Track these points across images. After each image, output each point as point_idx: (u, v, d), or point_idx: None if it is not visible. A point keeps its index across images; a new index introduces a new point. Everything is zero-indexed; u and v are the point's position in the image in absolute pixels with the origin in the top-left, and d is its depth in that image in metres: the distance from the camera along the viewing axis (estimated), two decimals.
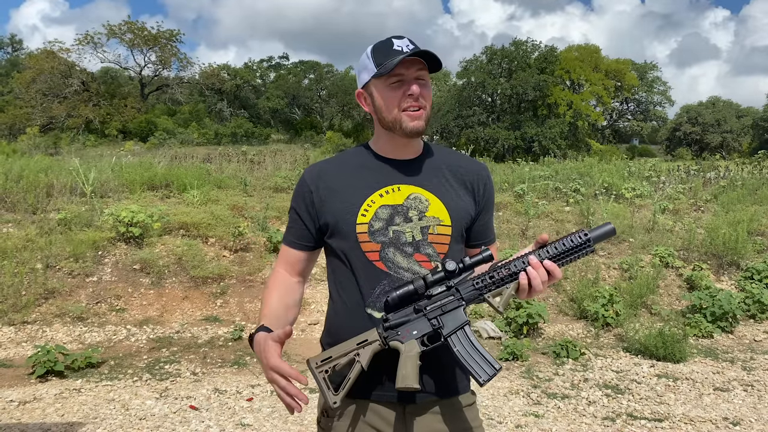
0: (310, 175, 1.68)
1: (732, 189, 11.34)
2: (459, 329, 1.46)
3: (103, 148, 22.90)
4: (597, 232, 1.47)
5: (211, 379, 4.61)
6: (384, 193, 1.61)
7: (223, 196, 8.45)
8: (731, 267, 7.64)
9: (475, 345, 1.46)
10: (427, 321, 1.46)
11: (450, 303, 1.47)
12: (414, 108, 1.56)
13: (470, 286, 1.47)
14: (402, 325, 1.46)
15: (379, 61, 1.55)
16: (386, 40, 1.58)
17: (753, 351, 5.79)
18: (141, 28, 38.55)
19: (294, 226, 1.69)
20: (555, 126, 37.07)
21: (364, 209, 1.59)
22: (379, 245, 1.58)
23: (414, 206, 1.61)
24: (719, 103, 48.89)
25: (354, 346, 1.46)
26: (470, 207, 1.68)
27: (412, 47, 1.55)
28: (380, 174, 1.63)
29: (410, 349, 1.44)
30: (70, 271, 6.02)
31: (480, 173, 1.73)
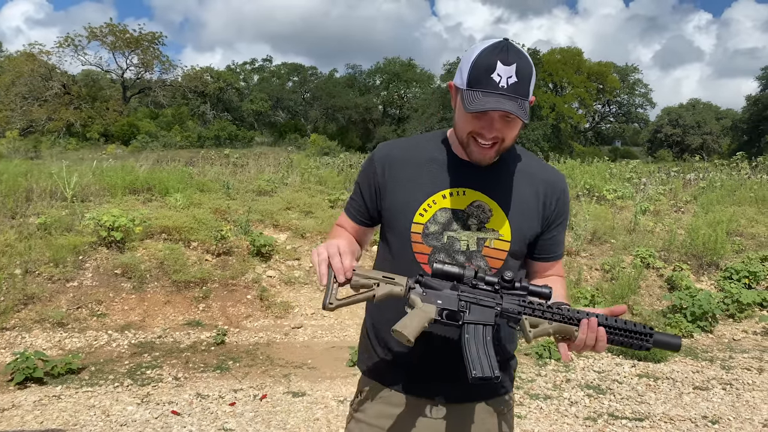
0: (379, 155, 1.64)
1: (711, 190, 11.50)
2: (480, 325, 1.39)
3: (84, 152, 22.68)
4: (662, 338, 1.39)
5: (194, 384, 4.59)
6: (447, 195, 1.55)
7: (205, 199, 8.40)
8: (711, 267, 7.74)
9: (486, 345, 1.37)
10: (457, 300, 1.39)
11: (487, 301, 1.40)
12: (486, 143, 1.46)
13: (515, 301, 1.39)
14: (433, 289, 1.40)
15: (471, 81, 1.41)
16: (493, 55, 1.39)
17: (732, 350, 5.87)
18: (123, 30, 38.29)
19: (356, 200, 1.68)
20: (538, 128, 37.40)
21: (423, 208, 1.54)
22: (430, 248, 1.54)
23: (475, 214, 1.55)
24: (699, 105, 49.60)
25: (380, 277, 1.41)
26: (536, 223, 1.59)
27: (513, 81, 1.38)
28: (448, 173, 1.56)
29: (426, 309, 1.37)
30: (50, 276, 5.96)
31: (556, 186, 1.62)
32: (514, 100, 1.37)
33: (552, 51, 44.78)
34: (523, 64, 1.39)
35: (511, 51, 1.39)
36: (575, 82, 43.00)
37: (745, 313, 6.78)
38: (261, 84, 50.68)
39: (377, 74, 50.18)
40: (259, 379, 4.70)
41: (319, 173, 11.60)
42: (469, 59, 1.43)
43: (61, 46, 36.47)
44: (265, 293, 6.45)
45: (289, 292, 6.64)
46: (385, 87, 48.75)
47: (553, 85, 43.73)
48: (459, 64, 1.50)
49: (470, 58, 1.42)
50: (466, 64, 1.44)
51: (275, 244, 7.20)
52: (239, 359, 5.12)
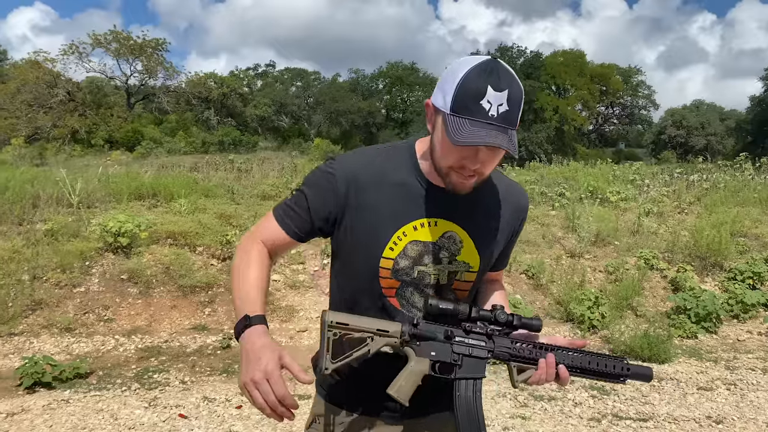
0: (344, 173, 1.42)
1: (715, 191, 11.51)
2: (472, 379, 1.40)
3: (89, 158, 22.78)
4: (638, 371, 1.47)
5: (200, 387, 4.63)
6: (419, 226, 1.43)
7: (210, 204, 8.46)
8: (715, 268, 7.75)
9: (476, 402, 1.40)
10: (451, 351, 1.38)
11: (479, 350, 1.39)
12: (467, 174, 1.34)
13: (506, 345, 1.40)
14: (426, 339, 1.37)
15: (456, 105, 1.26)
16: (483, 79, 1.25)
17: (736, 351, 5.88)
18: (126, 37, 38.44)
19: (299, 213, 1.46)
20: (541, 131, 37.46)
21: (394, 242, 1.41)
22: (398, 282, 1.45)
23: (447, 247, 1.46)
24: (703, 107, 49.51)
25: (373, 330, 1.36)
26: (501, 245, 1.56)
27: (504, 109, 1.25)
28: (420, 202, 1.43)
29: (419, 364, 1.36)
30: (57, 282, 6.01)
31: (522, 206, 1.58)
32: (504, 132, 1.25)
33: (555, 54, 44.84)
34: (515, 89, 1.27)
35: (502, 74, 1.26)
36: (578, 85, 43.03)
37: (749, 313, 6.80)
38: (264, 89, 50.84)
39: (380, 78, 50.31)
40: None
41: None
42: (455, 80, 1.27)
43: (65, 53, 36.65)
44: (270, 297, 6.49)
45: (294, 296, 6.68)
46: (388, 91, 48.86)
47: (556, 88, 43.76)
48: (439, 81, 1.36)
49: (455, 79, 1.27)
50: (449, 84, 1.28)
51: None
52: None
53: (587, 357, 1.43)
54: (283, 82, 52.77)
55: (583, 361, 1.43)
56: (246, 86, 49.55)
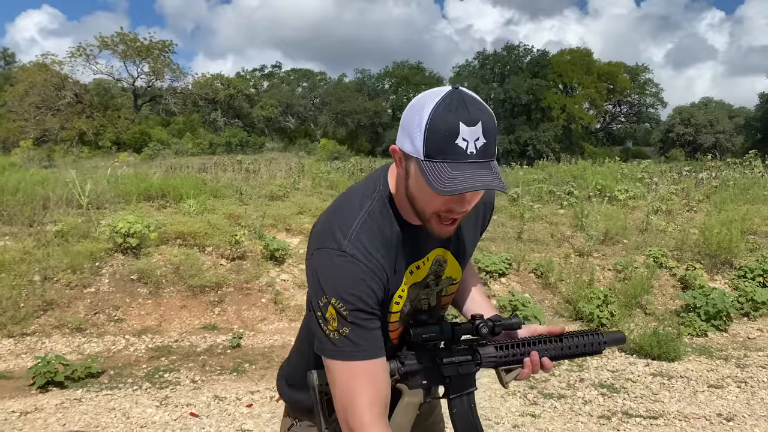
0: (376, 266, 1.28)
1: (724, 189, 11.46)
2: (465, 395, 1.44)
3: (97, 160, 22.94)
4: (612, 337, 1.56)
5: (211, 386, 4.65)
6: (414, 269, 1.38)
7: (219, 205, 8.49)
8: (724, 266, 7.72)
9: (472, 413, 1.44)
10: (440, 375, 1.40)
11: (466, 365, 1.42)
12: (453, 217, 1.25)
13: (491, 354, 1.44)
14: (415, 373, 1.37)
15: (430, 150, 1.14)
16: (452, 116, 1.14)
17: (747, 348, 5.86)
18: (133, 39, 38.68)
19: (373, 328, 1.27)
20: (549, 129, 37.38)
21: (398, 295, 1.36)
22: (403, 327, 1.43)
23: (433, 272, 1.43)
24: (712, 104, 49.28)
25: None
26: (474, 247, 1.56)
27: (482, 143, 1.14)
28: (412, 249, 1.36)
29: (414, 396, 1.38)
30: (67, 282, 6.05)
31: (491, 198, 1.56)
32: (488, 167, 1.15)
33: (561, 52, 44.72)
34: (487, 118, 1.15)
35: (470, 105, 1.15)
36: (585, 83, 42.91)
37: (759, 311, 6.77)
38: (271, 90, 50.98)
39: (386, 78, 50.32)
40: (275, 381, 4.76)
41: (330, 178, 11.68)
42: (421, 122, 1.15)
43: (73, 56, 36.91)
44: (279, 296, 6.51)
45: (303, 296, 6.69)
46: (394, 91, 48.86)
47: (563, 87, 43.65)
48: (402, 122, 1.23)
49: (422, 121, 1.15)
50: (416, 128, 1.16)
51: (288, 248, 7.26)
52: (255, 362, 5.19)
53: (566, 342, 1.50)
54: (290, 83, 52.90)
55: (564, 347, 1.50)
56: (252, 87, 49.73)
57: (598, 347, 1.53)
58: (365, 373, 1.24)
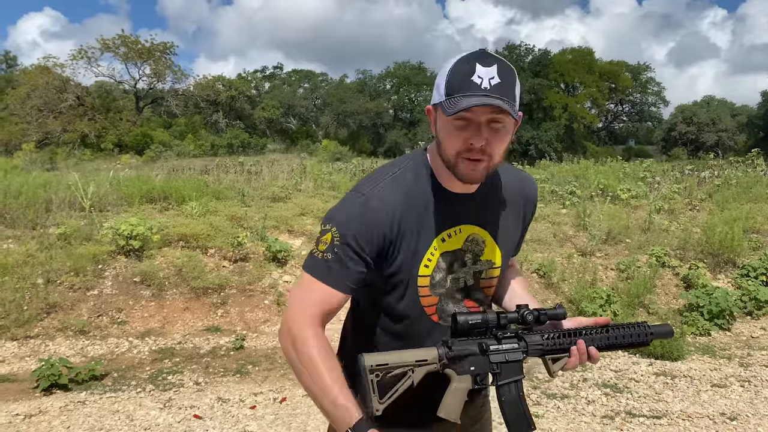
0: (386, 207, 1.38)
1: (726, 188, 11.44)
2: (513, 382, 1.45)
3: (99, 162, 22.97)
4: (659, 330, 1.56)
5: (214, 388, 4.66)
6: (446, 237, 1.45)
7: (221, 207, 8.50)
8: (727, 265, 7.70)
9: (521, 400, 1.46)
10: (488, 362, 1.42)
11: (513, 353, 1.44)
12: (475, 156, 1.32)
13: (538, 342, 1.46)
14: (463, 357, 1.41)
15: (450, 89, 1.28)
16: (470, 61, 1.28)
17: (750, 347, 5.85)
18: (135, 41, 38.73)
19: (348, 267, 1.37)
20: (551, 129, 37.33)
21: (428, 258, 1.43)
22: (437, 298, 1.48)
23: (470, 249, 1.49)
24: (714, 102, 49.19)
25: (412, 362, 1.38)
26: (516, 238, 1.62)
27: (496, 81, 1.26)
28: (445, 213, 1.44)
29: (462, 383, 1.41)
30: (70, 285, 6.06)
31: (532, 196, 1.62)
32: (499, 99, 1.25)
33: (563, 51, 44.64)
34: (505, 66, 1.29)
35: (490, 55, 1.29)
36: (587, 82, 42.83)
37: (763, 310, 6.75)
38: (272, 91, 51.02)
39: (387, 79, 50.32)
40: (278, 383, 4.77)
41: (332, 179, 11.69)
42: (445, 73, 1.31)
43: (74, 58, 36.98)
44: (282, 298, 6.52)
45: None
46: (396, 91, 48.85)
47: (564, 86, 43.59)
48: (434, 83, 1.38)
49: (445, 72, 1.31)
50: (441, 78, 1.32)
51: (291, 250, 7.27)
52: (258, 363, 5.19)
53: (612, 333, 1.51)
54: (291, 84, 52.95)
55: (610, 337, 1.51)
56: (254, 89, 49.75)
57: (645, 339, 1.53)
58: (320, 293, 1.37)
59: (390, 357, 1.38)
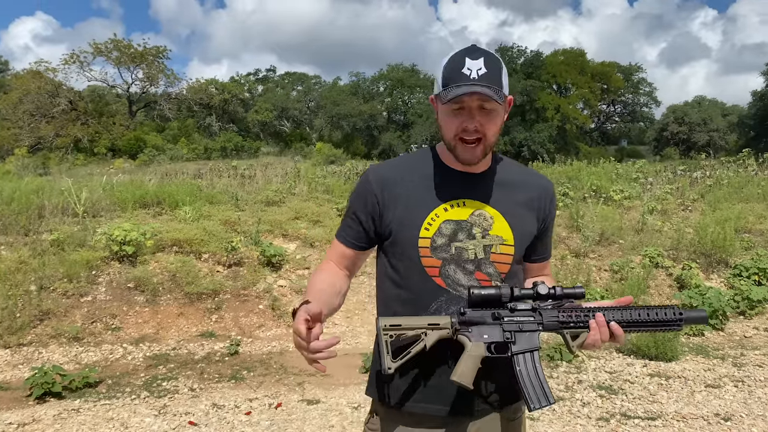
0: (376, 178, 1.63)
1: (718, 188, 11.49)
2: (528, 352, 1.46)
3: (92, 167, 22.87)
4: (691, 315, 1.48)
5: (209, 394, 4.64)
6: (449, 207, 1.58)
7: (215, 211, 8.49)
8: (720, 265, 7.74)
9: (538, 372, 1.46)
10: (501, 331, 1.45)
11: (528, 324, 1.46)
12: (470, 138, 1.51)
13: (554, 316, 1.47)
14: (476, 324, 1.46)
15: (445, 81, 1.50)
16: (461, 55, 1.50)
17: (743, 347, 5.88)
18: (127, 45, 38.60)
19: (351, 226, 1.66)
20: (543, 130, 37.39)
21: (428, 223, 1.56)
22: (440, 261, 1.56)
23: (478, 223, 1.59)
24: (705, 102, 49.42)
25: (425, 325, 1.45)
26: (533, 226, 1.67)
27: (483, 72, 1.46)
28: (446, 186, 1.60)
29: (476, 350, 1.44)
30: (64, 291, 6.04)
31: (546, 190, 1.71)
32: (486, 87, 1.45)
33: (555, 53, 44.76)
34: (491, 57, 1.49)
35: (477, 49, 1.50)
36: (579, 83, 42.94)
37: (755, 309, 6.79)
38: (266, 94, 50.96)
39: (381, 81, 50.34)
40: (273, 388, 4.76)
41: (326, 182, 11.68)
42: (441, 66, 1.53)
43: (66, 63, 36.81)
44: (277, 303, 6.51)
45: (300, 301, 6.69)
46: (389, 93, 48.86)
47: (557, 87, 43.69)
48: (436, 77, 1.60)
49: (441, 66, 1.53)
50: (438, 72, 1.54)
51: (285, 254, 7.27)
52: (253, 369, 5.18)
53: (637, 310, 1.47)
54: (284, 87, 52.90)
55: (633, 314, 1.47)
56: (247, 92, 49.68)
57: (675, 324, 1.46)
58: (335, 246, 1.72)
59: (403, 319, 1.48)
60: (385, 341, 1.43)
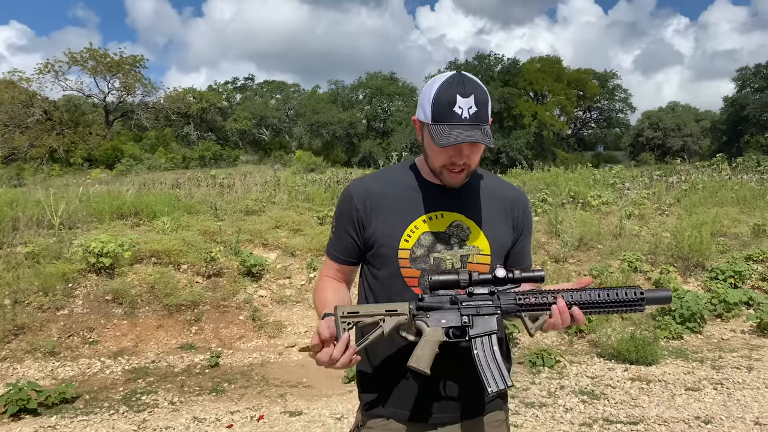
0: (357, 192, 1.69)
1: (694, 192, 11.67)
2: (486, 335, 1.47)
3: (68, 177, 22.54)
4: (654, 294, 1.47)
5: (190, 407, 4.58)
6: (428, 219, 1.64)
7: (193, 221, 8.40)
8: (697, 268, 7.85)
9: (495, 356, 1.47)
10: (459, 315, 1.47)
11: (486, 307, 1.48)
12: (457, 168, 1.58)
13: (512, 299, 1.48)
14: (434, 309, 1.48)
15: (435, 116, 1.52)
16: (451, 90, 1.51)
17: (721, 350, 5.96)
18: (103, 54, 38.17)
19: (339, 242, 1.72)
20: (521, 137, 37.71)
21: (408, 234, 1.62)
22: (419, 272, 1.61)
23: (455, 234, 1.64)
24: (678, 108, 50.31)
25: (383, 312, 1.48)
26: (508, 236, 1.72)
27: (474, 111, 1.50)
28: (425, 199, 1.66)
29: (433, 335, 1.46)
30: (39, 305, 5.92)
31: (520, 200, 1.76)
32: (477, 129, 1.50)
33: (532, 60, 45.22)
34: (479, 92, 1.52)
35: (467, 82, 1.52)
36: (555, 90, 43.41)
37: (732, 312, 6.89)
38: (244, 103, 50.72)
39: (360, 89, 50.42)
40: (255, 400, 4.70)
41: (307, 190, 11.63)
42: (429, 96, 1.54)
43: (41, 72, 36.27)
44: (258, 313, 6.45)
45: (282, 311, 6.64)
46: (369, 101, 48.93)
47: (534, 94, 44.13)
48: (419, 99, 1.63)
49: (430, 95, 1.54)
50: (426, 100, 1.55)
51: (265, 264, 7.21)
52: (234, 381, 5.12)
53: (597, 291, 1.47)
54: (263, 95, 52.71)
55: (593, 295, 1.46)
56: (225, 100, 49.39)
57: (636, 304, 1.45)
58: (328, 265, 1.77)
59: (361, 307, 1.51)
60: (343, 329, 1.46)
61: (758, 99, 43.00)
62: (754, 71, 44.90)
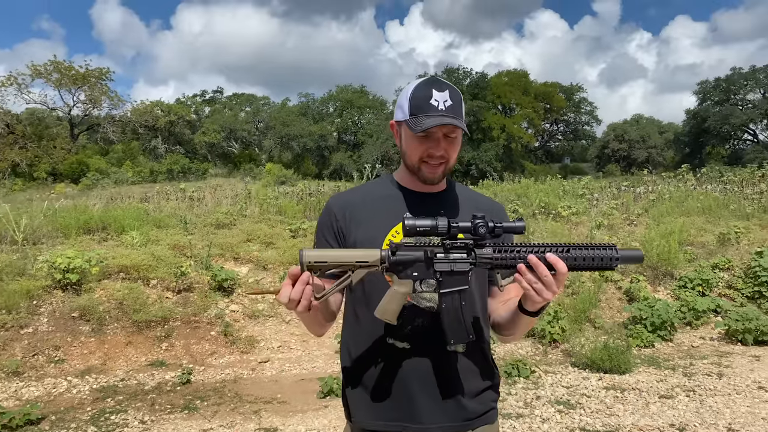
0: (336, 204, 1.73)
1: (661, 202, 11.90)
2: (456, 292, 1.46)
3: (31, 192, 21.99)
4: (627, 254, 1.46)
5: (161, 426, 4.46)
6: None
7: (163, 235, 8.24)
8: (666, 277, 7.98)
9: (462, 310, 1.47)
10: (433, 272, 1.45)
11: (461, 263, 1.45)
12: (435, 162, 1.62)
13: (487, 255, 1.45)
14: (407, 264, 1.46)
15: (413, 110, 1.59)
16: (427, 87, 1.59)
17: (692, 357, 6.04)
18: (68, 67, 37.46)
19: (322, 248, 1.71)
20: (490, 149, 38.11)
21: (392, 234, 1.64)
22: None
23: None
24: (643, 120, 51.45)
25: (352, 263, 1.44)
26: None
27: (449, 103, 1.57)
28: (404, 207, 1.68)
29: (402, 287, 1.45)
30: (2, 323, 5.73)
31: (495, 207, 1.79)
32: (453, 118, 1.56)
33: (500, 74, 45.84)
34: (454, 91, 1.60)
35: (441, 82, 1.61)
36: (523, 103, 44.05)
37: (701, 320, 7.01)
38: (213, 116, 50.25)
39: (330, 102, 50.42)
40: (228, 417, 4.60)
41: (279, 203, 11.53)
42: (406, 95, 1.62)
43: (3, 85, 35.44)
44: (229, 328, 6.34)
45: (254, 326, 6.54)
46: (339, 114, 48.95)
47: (502, 107, 44.68)
48: (396, 103, 1.69)
49: (407, 94, 1.62)
50: (404, 100, 1.63)
51: (237, 278, 7.10)
52: (207, 398, 5.01)
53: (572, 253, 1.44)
54: (232, 108, 52.33)
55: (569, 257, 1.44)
56: (194, 113, 48.90)
57: (609, 262, 1.44)
58: None
59: (329, 254, 1.45)
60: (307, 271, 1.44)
61: (718, 111, 44.27)
62: (714, 85, 46.27)
